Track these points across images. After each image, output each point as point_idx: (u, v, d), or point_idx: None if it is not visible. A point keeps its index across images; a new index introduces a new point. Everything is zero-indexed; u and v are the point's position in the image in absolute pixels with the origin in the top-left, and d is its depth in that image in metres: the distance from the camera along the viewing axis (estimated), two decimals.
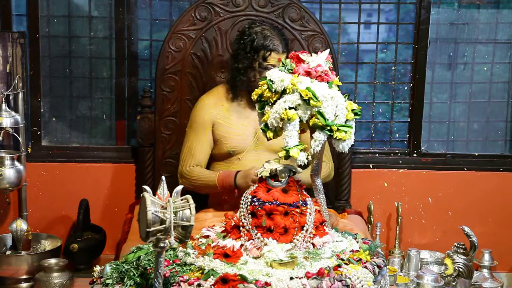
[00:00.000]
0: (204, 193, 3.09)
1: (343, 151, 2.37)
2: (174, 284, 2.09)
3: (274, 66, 2.93)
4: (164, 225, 1.93)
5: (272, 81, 2.37)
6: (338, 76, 2.49)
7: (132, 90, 3.77)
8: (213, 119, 3.08)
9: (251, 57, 2.98)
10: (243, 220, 2.29)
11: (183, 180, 3.06)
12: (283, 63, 2.44)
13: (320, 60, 2.41)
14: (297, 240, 2.26)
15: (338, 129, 2.30)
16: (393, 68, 3.81)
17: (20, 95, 3.45)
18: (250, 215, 2.28)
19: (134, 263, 2.24)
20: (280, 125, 2.34)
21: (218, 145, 3.08)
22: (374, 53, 3.81)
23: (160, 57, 3.40)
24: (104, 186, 3.71)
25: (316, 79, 2.38)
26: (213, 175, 2.98)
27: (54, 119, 3.79)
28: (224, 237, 2.35)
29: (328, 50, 2.52)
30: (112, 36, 3.74)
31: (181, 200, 2.00)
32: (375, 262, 2.27)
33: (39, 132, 3.73)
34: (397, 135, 3.87)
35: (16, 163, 3.38)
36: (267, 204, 2.26)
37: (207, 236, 2.42)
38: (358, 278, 2.15)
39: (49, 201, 3.69)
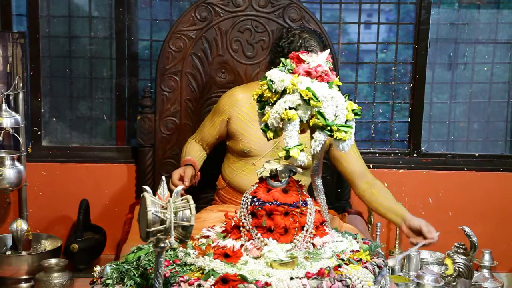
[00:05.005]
0: None
1: (343, 151, 2.37)
2: (174, 284, 2.09)
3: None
4: (164, 225, 1.93)
5: (272, 81, 2.37)
6: (338, 76, 2.49)
7: (132, 90, 3.77)
8: (233, 112, 3.04)
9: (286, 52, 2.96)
10: (243, 220, 2.29)
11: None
12: (283, 63, 2.44)
13: (320, 60, 2.41)
14: (297, 240, 2.26)
15: (338, 129, 2.30)
16: (393, 68, 3.81)
17: (20, 95, 3.45)
18: (250, 215, 2.28)
19: (134, 263, 2.24)
20: (280, 125, 2.33)
21: (234, 140, 3.05)
22: (374, 53, 3.82)
23: (160, 57, 3.40)
24: (104, 186, 3.71)
25: (316, 79, 2.37)
26: (185, 155, 3.09)
27: (54, 119, 3.80)
28: (224, 237, 2.35)
29: (328, 50, 2.52)
30: (112, 36, 3.74)
31: (181, 200, 2.00)
32: (375, 262, 2.27)
33: (39, 132, 3.73)
34: (397, 135, 3.87)
35: (16, 163, 3.38)
36: (267, 204, 2.26)
37: (207, 236, 2.42)
38: (358, 278, 2.15)
39: (49, 201, 3.69)
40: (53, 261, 3.18)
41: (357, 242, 2.42)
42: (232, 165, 3.08)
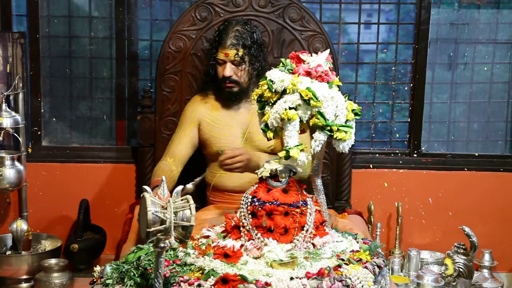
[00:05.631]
0: None
1: (343, 151, 2.37)
2: (174, 284, 2.09)
3: (223, 60, 3.01)
4: (164, 225, 1.93)
5: (272, 81, 2.37)
6: (338, 76, 2.49)
7: (132, 90, 3.77)
8: (201, 117, 3.12)
9: (210, 52, 3.10)
10: (243, 220, 2.29)
11: None
12: (283, 63, 2.45)
13: (320, 60, 2.41)
14: (297, 240, 2.26)
15: (338, 129, 2.30)
16: (393, 68, 3.81)
17: (20, 95, 3.45)
18: (250, 215, 2.28)
19: (134, 263, 2.24)
20: (280, 125, 2.34)
21: (207, 145, 3.11)
22: (374, 53, 3.82)
23: (160, 57, 3.40)
24: (104, 186, 3.71)
25: (316, 79, 2.38)
26: (153, 178, 3.02)
27: (54, 119, 3.79)
28: (224, 237, 2.35)
29: (328, 50, 2.52)
30: (112, 36, 3.74)
31: (181, 200, 2.00)
32: (375, 262, 2.27)
33: (39, 132, 3.73)
34: (397, 135, 3.87)
35: (16, 163, 3.38)
36: (267, 204, 2.26)
37: (207, 236, 2.42)
38: (358, 278, 2.15)
39: (49, 201, 3.69)
40: (53, 261, 3.18)
41: (357, 242, 2.42)
42: (212, 169, 3.13)
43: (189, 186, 2.95)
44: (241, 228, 2.29)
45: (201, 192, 3.26)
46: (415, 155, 3.81)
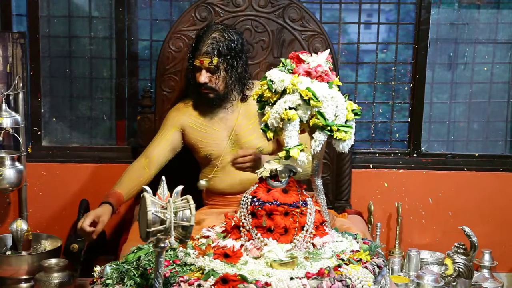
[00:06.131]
0: None
1: (343, 151, 2.37)
2: (174, 284, 2.09)
3: (198, 67, 2.97)
4: (164, 225, 1.93)
5: (272, 81, 2.37)
6: (338, 76, 2.49)
7: (132, 90, 3.77)
8: (185, 123, 3.09)
9: (189, 57, 3.06)
10: (243, 220, 2.29)
11: None
12: (283, 63, 2.45)
13: (320, 60, 2.41)
14: (297, 240, 2.26)
15: (338, 129, 2.30)
16: (393, 68, 3.81)
17: (20, 95, 3.45)
18: (250, 215, 2.28)
19: (134, 263, 2.24)
20: (280, 125, 2.34)
21: (195, 150, 3.10)
22: (374, 53, 3.82)
23: (160, 57, 3.40)
24: (104, 186, 3.70)
25: (316, 79, 2.38)
26: (117, 184, 3.03)
27: (54, 119, 3.79)
28: (224, 237, 2.35)
29: (328, 50, 2.52)
30: (112, 36, 3.74)
31: (181, 200, 2.00)
32: (375, 262, 2.27)
33: (39, 132, 3.73)
34: (397, 135, 3.87)
35: (16, 163, 3.38)
36: (267, 204, 2.26)
37: (207, 236, 2.42)
38: (358, 278, 2.15)
39: (49, 201, 3.69)
40: (53, 261, 3.18)
41: (357, 242, 2.42)
42: (204, 173, 3.13)
43: (203, 182, 2.97)
44: (241, 228, 2.29)
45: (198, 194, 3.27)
46: (415, 155, 3.81)
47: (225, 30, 2.99)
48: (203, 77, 2.96)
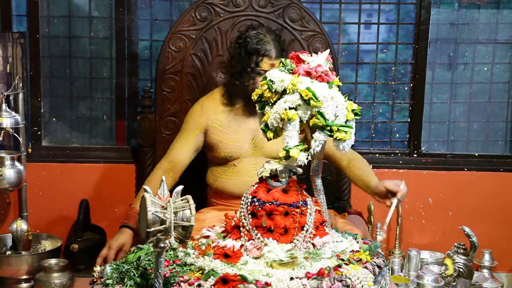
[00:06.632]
0: None
1: (344, 151, 2.37)
2: (174, 284, 2.09)
3: (266, 71, 2.91)
4: (164, 225, 1.93)
5: (272, 81, 2.37)
6: (338, 76, 2.49)
7: (132, 90, 3.78)
8: (209, 123, 3.04)
9: (245, 62, 2.94)
10: (243, 220, 2.29)
11: None
12: (283, 64, 2.44)
13: (320, 60, 2.41)
14: (297, 240, 2.26)
15: (338, 129, 2.30)
16: (393, 68, 3.81)
17: (20, 95, 3.45)
18: (250, 215, 2.28)
19: (134, 263, 2.24)
20: (280, 125, 2.34)
21: (215, 150, 3.05)
22: (374, 53, 3.82)
23: (160, 57, 3.40)
24: (104, 186, 3.71)
25: (316, 79, 2.38)
26: (136, 201, 2.96)
27: (54, 119, 3.80)
28: (224, 237, 2.35)
29: (328, 50, 2.52)
30: (112, 36, 3.74)
31: (181, 200, 2.00)
32: (375, 262, 2.27)
33: (39, 132, 3.73)
34: (397, 135, 3.87)
35: (16, 163, 3.38)
36: (267, 204, 2.26)
37: (207, 236, 2.42)
38: (358, 278, 2.15)
39: (49, 201, 3.69)
40: (53, 261, 3.18)
41: (357, 242, 2.42)
42: (214, 172, 3.08)
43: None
44: (241, 228, 2.29)
45: (198, 193, 3.27)
46: (415, 155, 3.81)
47: (275, 32, 3.04)
48: None
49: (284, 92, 2.34)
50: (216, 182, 3.06)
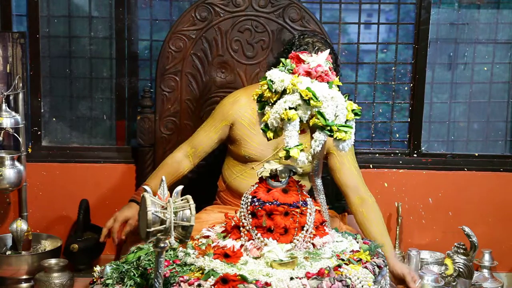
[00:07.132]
0: None
1: (343, 151, 2.37)
2: (174, 284, 2.09)
3: None
4: (164, 225, 1.93)
5: (272, 81, 2.37)
6: (338, 76, 2.49)
7: (132, 90, 3.77)
8: (236, 118, 3.00)
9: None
10: (243, 220, 2.29)
11: None
12: (283, 64, 2.44)
13: (320, 60, 2.41)
14: (297, 240, 2.26)
15: (338, 129, 2.30)
16: (393, 68, 3.81)
17: (20, 95, 3.45)
18: (250, 215, 2.28)
19: (134, 263, 2.24)
20: (280, 125, 2.33)
21: (236, 145, 3.02)
22: (374, 53, 3.82)
23: (160, 57, 3.40)
24: (104, 186, 3.71)
25: (316, 79, 2.38)
26: (152, 176, 3.01)
27: (54, 119, 3.80)
28: (224, 237, 2.35)
29: (328, 50, 2.52)
30: (112, 36, 3.74)
31: (181, 200, 2.00)
32: (375, 262, 2.27)
33: (39, 132, 3.73)
34: (397, 135, 3.87)
35: (16, 163, 3.38)
36: (267, 204, 2.26)
37: (207, 236, 2.42)
38: (358, 278, 2.15)
39: (49, 201, 3.69)
40: (53, 261, 3.18)
41: (357, 242, 2.42)
42: (231, 168, 3.06)
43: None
44: (241, 228, 2.29)
45: (202, 190, 3.27)
46: (415, 155, 3.81)
47: (330, 44, 3.00)
48: None
49: (284, 92, 2.34)
50: (230, 178, 3.05)
